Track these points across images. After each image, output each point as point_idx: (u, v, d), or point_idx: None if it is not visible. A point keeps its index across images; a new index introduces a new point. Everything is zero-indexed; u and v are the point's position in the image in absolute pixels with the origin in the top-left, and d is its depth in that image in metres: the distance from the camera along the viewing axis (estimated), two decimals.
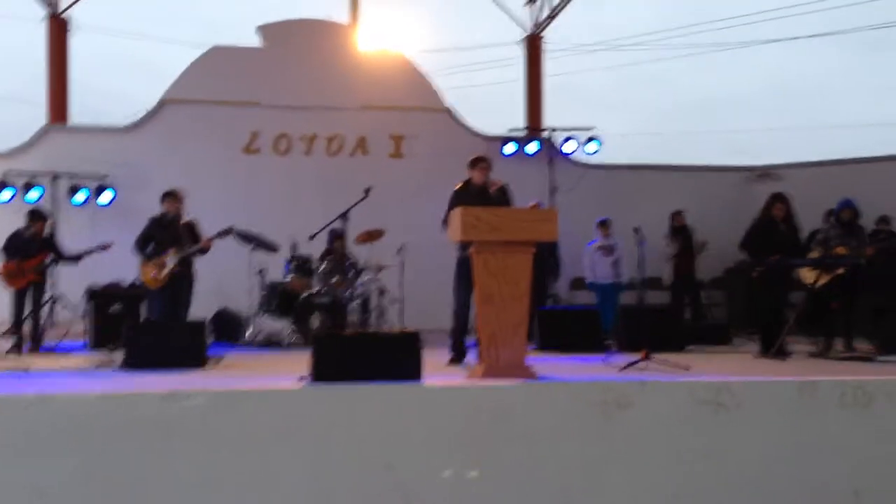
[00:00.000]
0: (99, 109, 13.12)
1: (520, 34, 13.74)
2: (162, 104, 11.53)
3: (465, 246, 6.65)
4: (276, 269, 9.31)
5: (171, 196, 8.07)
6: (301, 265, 8.94)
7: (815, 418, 4.65)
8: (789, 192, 7.87)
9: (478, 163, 6.86)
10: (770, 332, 7.34)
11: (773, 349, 7.16)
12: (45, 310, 8.89)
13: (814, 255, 7.55)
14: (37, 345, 8.17)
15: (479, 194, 6.67)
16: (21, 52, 14.14)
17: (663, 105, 22.14)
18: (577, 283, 11.01)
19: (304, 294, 8.68)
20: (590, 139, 11.93)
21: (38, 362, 7.03)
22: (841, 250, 7.47)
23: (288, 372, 5.58)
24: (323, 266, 8.76)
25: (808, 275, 7.49)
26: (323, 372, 4.88)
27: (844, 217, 7.75)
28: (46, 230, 8.57)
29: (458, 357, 6.80)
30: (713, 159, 13.12)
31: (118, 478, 4.09)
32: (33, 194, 10.52)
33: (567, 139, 11.98)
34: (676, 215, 10.68)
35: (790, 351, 7.29)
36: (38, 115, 12.07)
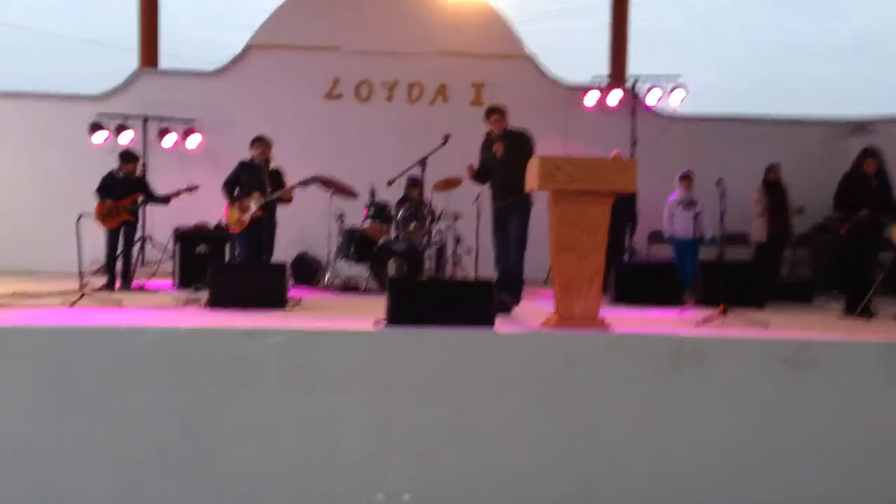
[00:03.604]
0: (187, 56, 13.39)
1: None
2: (247, 50, 11.71)
3: (498, 197, 6.78)
4: (355, 214, 9.45)
5: (259, 141, 8.25)
6: (379, 211, 9.05)
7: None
8: (884, 146, 7.55)
9: (488, 115, 7.02)
10: (856, 290, 7.12)
11: (858, 309, 6.96)
12: (136, 249, 9.28)
13: None
14: (127, 283, 8.52)
15: (487, 146, 6.96)
16: None
17: (754, 52, 21.29)
18: (656, 237, 10.84)
19: (381, 240, 8.80)
20: (675, 88, 11.58)
21: (129, 299, 7.37)
22: None
23: (363, 315, 5.73)
24: (400, 213, 8.85)
25: None
26: (398, 316, 4.98)
27: None
28: (138, 171, 8.90)
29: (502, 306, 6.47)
30: (805, 109, 12.49)
31: (201, 409, 4.30)
32: (125, 136, 10.89)
33: (651, 88, 11.67)
34: (771, 169, 10.25)
35: (875, 311, 7.07)
36: (130, 59, 12.44)
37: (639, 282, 8.07)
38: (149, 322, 5.55)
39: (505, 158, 6.74)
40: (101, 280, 8.49)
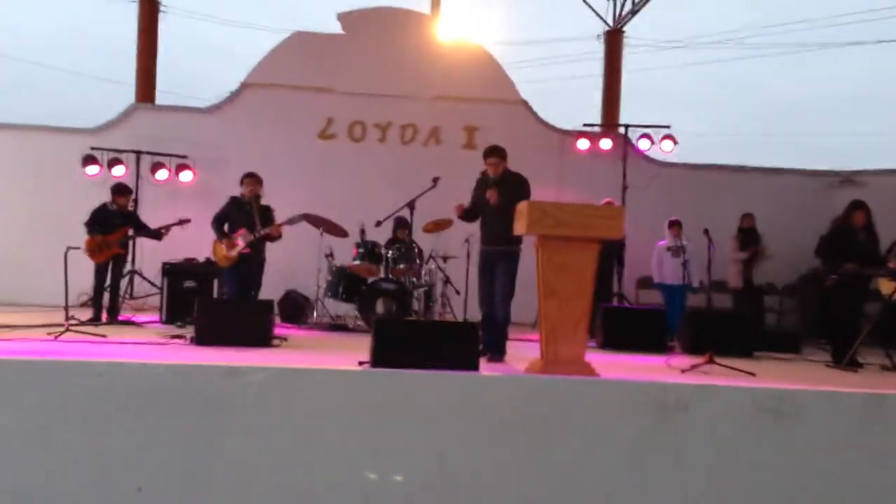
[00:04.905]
0: (183, 91, 13.51)
1: (600, 28, 13.60)
2: (243, 87, 11.80)
3: (487, 241, 6.73)
4: (345, 253, 9.45)
5: (249, 178, 8.25)
6: (369, 251, 9.06)
7: (880, 433, 4.50)
8: (871, 199, 7.62)
9: (487, 155, 6.80)
10: (843, 342, 7.14)
11: (845, 360, 6.96)
12: (124, 282, 9.24)
13: (892, 265, 7.29)
14: (114, 316, 8.47)
15: (482, 187, 6.77)
16: (113, 33, 14.65)
17: (742, 106, 21.58)
18: (645, 282, 10.86)
19: (370, 279, 8.79)
20: (665, 137, 11.71)
21: (114, 333, 7.31)
22: None
23: (349, 355, 5.70)
24: (390, 253, 8.86)
25: (886, 285, 7.25)
26: (382, 357, 4.95)
27: None
28: (129, 205, 8.90)
29: (485, 351, 6.36)
30: (792, 163, 12.62)
31: (180, 447, 4.25)
32: (118, 170, 10.88)
33: (642, 136, 11.79)
34: (745, 217, 10.45)
35: (862, 363, 7.07)
36: (127, 94, 12.54)
37: (626, 327, 8.07)
38: (132, 356, 5.51)
39: (498, 204, 6.50)
40: (88, 313, 8.44)
